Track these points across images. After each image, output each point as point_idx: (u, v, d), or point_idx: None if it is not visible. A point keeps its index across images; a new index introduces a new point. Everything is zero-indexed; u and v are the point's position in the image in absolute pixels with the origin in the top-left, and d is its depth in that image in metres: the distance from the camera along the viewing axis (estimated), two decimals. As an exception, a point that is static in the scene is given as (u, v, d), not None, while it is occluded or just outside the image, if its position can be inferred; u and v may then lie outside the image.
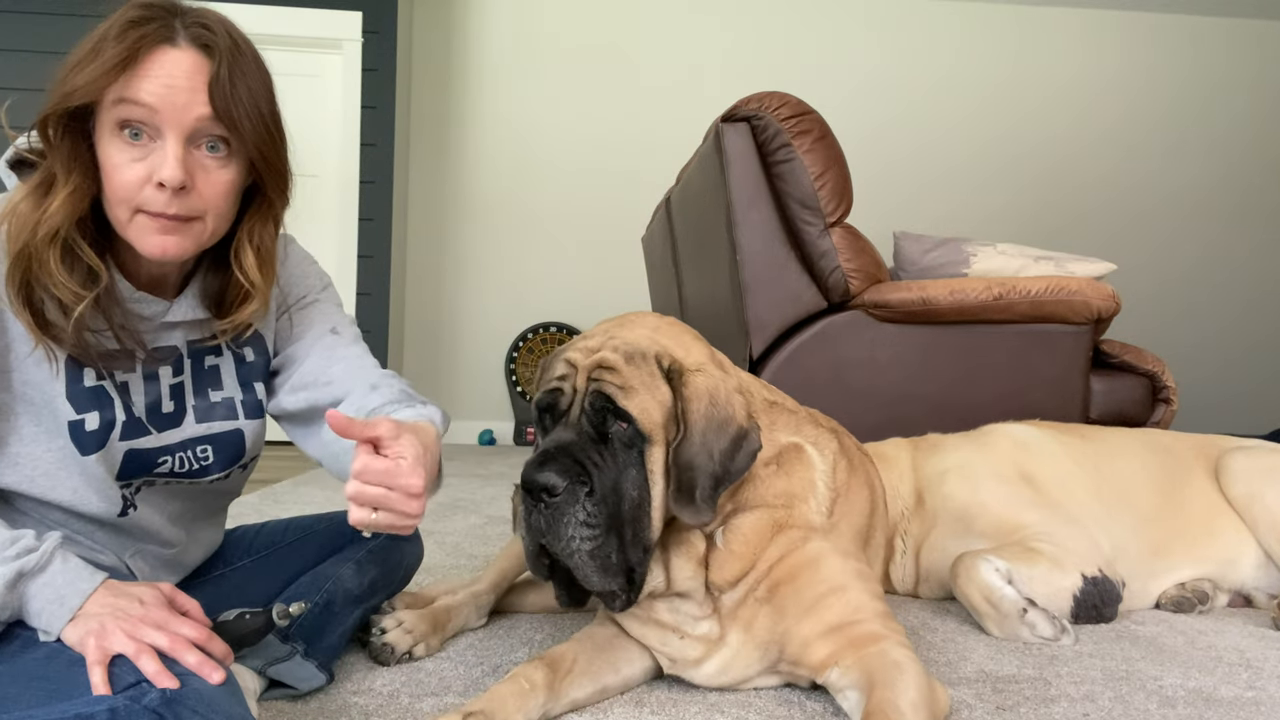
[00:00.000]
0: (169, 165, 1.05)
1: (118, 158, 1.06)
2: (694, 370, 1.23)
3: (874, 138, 6.09)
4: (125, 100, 1.04)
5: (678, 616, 1.31)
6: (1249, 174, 6.54)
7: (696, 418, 1.20)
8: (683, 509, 1.18)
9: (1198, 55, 6.51)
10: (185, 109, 1.06)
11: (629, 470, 1.19)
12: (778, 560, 1.29)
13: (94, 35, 1.07)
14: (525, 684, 1.21)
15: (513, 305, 5.99)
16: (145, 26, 1.05)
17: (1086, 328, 2.67)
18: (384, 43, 5.48)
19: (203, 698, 0.96)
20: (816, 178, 2.56)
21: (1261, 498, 1.99)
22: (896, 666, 1.18)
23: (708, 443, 1.19)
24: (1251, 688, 1.45)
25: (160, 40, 1.05)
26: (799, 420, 1.42)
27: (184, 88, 1.05)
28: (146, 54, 1.04)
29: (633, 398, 1.19)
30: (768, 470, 1.31)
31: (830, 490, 1.36)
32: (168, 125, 1.06)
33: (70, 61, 1.06)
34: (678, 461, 1.19)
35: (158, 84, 1.04)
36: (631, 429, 1.18)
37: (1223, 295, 6.50)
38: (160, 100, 1.05)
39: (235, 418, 1.31)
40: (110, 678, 0.97)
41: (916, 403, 2.64)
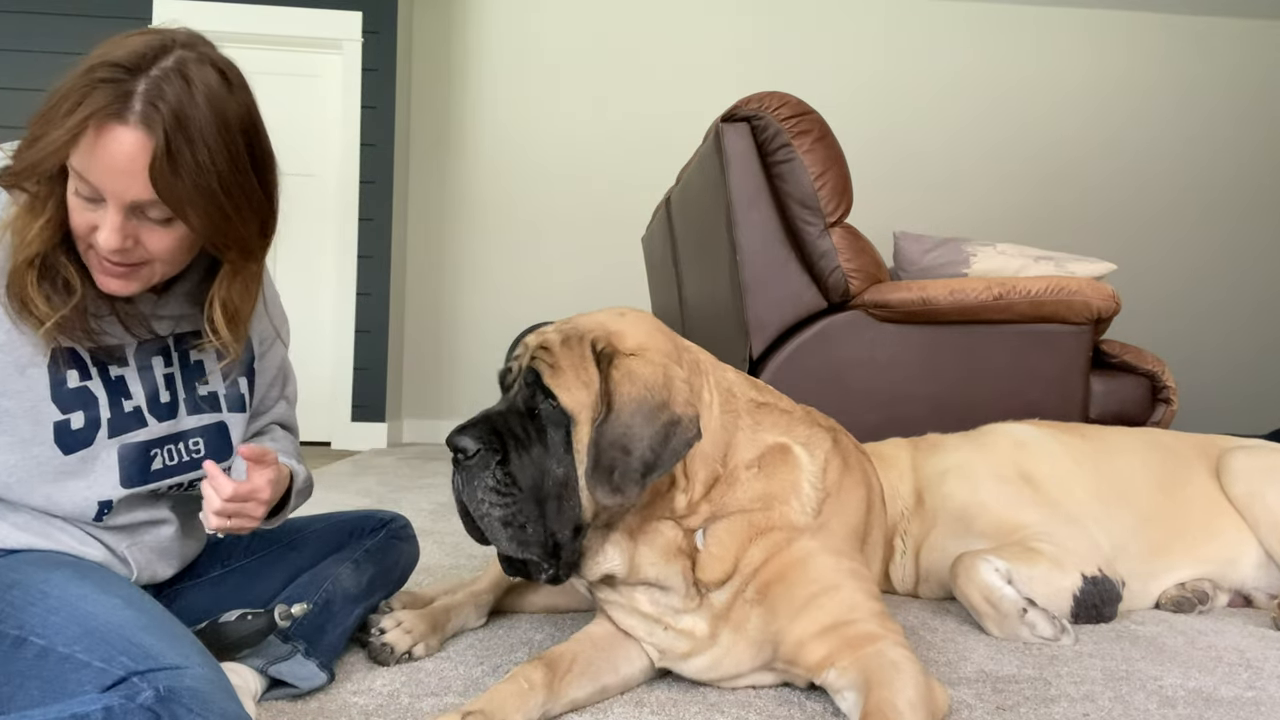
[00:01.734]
0: (104, 232, 1.08)
1: (74, 204, 1.10)
2: (627, 354, 1.23)
3: (874, 138, 6.09)
4: (75, 171, 1.07)
5: (659, 608, 1.32)
6: (1250, 175, 6.54)
7: (624, 400, 1.19)
8: (598, 487, 1.18)
9: (1200, 55, 6.51)
10: (124, 191, 1.06)
11: (555, 448, 1.21)
12: (763, 563, 1.28)
13: (63, 88, 1.07)
14: (524, 684, 1.21)
15: (513, 305, 5.99)
16: (100, 98, 1.04)
17: (1086, 328, 2.67)
18: (384, 43, 5.48)
19: (197, 695, 0.96)
20: (816, 178, 2.56)
21: (1263, 497, 1.99)
22: (894, 666, 1.18)
23: (634, 426, 1.18)
24: (1251, 688, 1.45)
25: (109, 117, 1.04)
26: (791, 420, 1.40)
27: (123, 171, 1.05)
28: (95, 132, 1.04)
29: (559, 377, 1.22)
30: (748, 473, 1.31)
31: (817, 490, 1.35)
32: (108, 196, 1.07)
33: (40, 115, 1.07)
34: (598, 440, 1.19)
35: (100, 165, 1.05)
36: (557, 408, 1.21)
37: (1223, 295, 6.50)
38: (100, 181, 1.06)
39: (220, 410, 1.34)
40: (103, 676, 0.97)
41: (916, 403, 2.64)
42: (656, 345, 1.27)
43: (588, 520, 1.23)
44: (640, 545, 1.27)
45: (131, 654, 0.99)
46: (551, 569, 1.24)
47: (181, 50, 1.12)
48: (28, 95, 5.34)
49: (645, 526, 1.27)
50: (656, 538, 1.27)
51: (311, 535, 1.53)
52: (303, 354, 1.53)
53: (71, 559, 1.18)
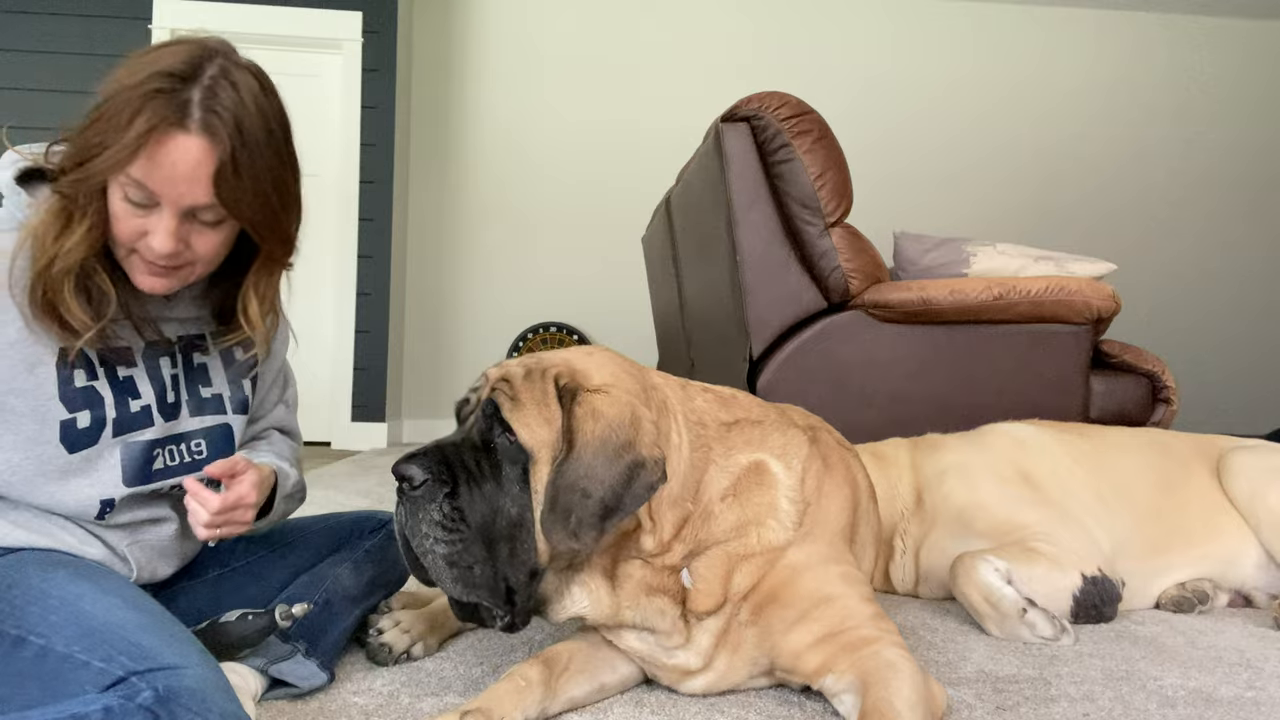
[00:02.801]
0: (160, 237, 1.11)
1: (119, 211, 1.12)
2: (592, 391, 1.17)
3: (874, 138, 6.09)
4: (135, 182, 1.09)
5: (649, 647, 1.30)
6: (1250, 175, 6.54)
7: (586, 439, 1.13)
8: (553, 531, 1.11)
9: (1200, 55, 6.51)
10: (184, 196, 1.11)
11: (510, 486, 1.15)
12: (752, 587, 1.27)
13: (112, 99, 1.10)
14: (521, 681, 1.21)
15: (513, 305, 5.99)
16: (162, 105, 1.08)
17: (1086, 328, 2.67)
18: (384, 43, 5.48)
19: (196, 695, 0.96)
20: (816, 178, 2.56)
21: (1264, 497, 1.99)
22: (890, 666, 1.18)
23: (596, 468, 1.11)
24: (1251, 688, 1.45)
25: (173, 125, 1.08)
26: (764, 431, 1.35)
27: (186, 177, 1.10)
28: (158, 141, 1.08)
29: (520, 411, 1.16)
30: (723, 504, 1.27)
31: (796, 503, 1.31)
32: (166, 203, 1.11)
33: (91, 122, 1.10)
34: (556, 481, 1.12)
35: (163, 173, 1.09)
36: (515, 444, 1.15)
37: (1223, 295, 6.50)
38: (161, 187, 1.10)
39: (224, 412, 1.35)
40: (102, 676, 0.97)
41: (916, 403, 2.64)
42: (623, 384, 1.21)
43: (543, 564, 1.17)
44: (612, 587, 1.22)
45: (131, 654, 0.99)
46: (506, 615, 1.18)
47: (221, 58, 1.15)
48: (28, 95, 5.35)
49: (615, 569, 1.22)
50: (627, 579, 1.22)
51: (311, 536, 1.54)
52: (303, 354, 1.54)
53: (71, 558, 1.19)
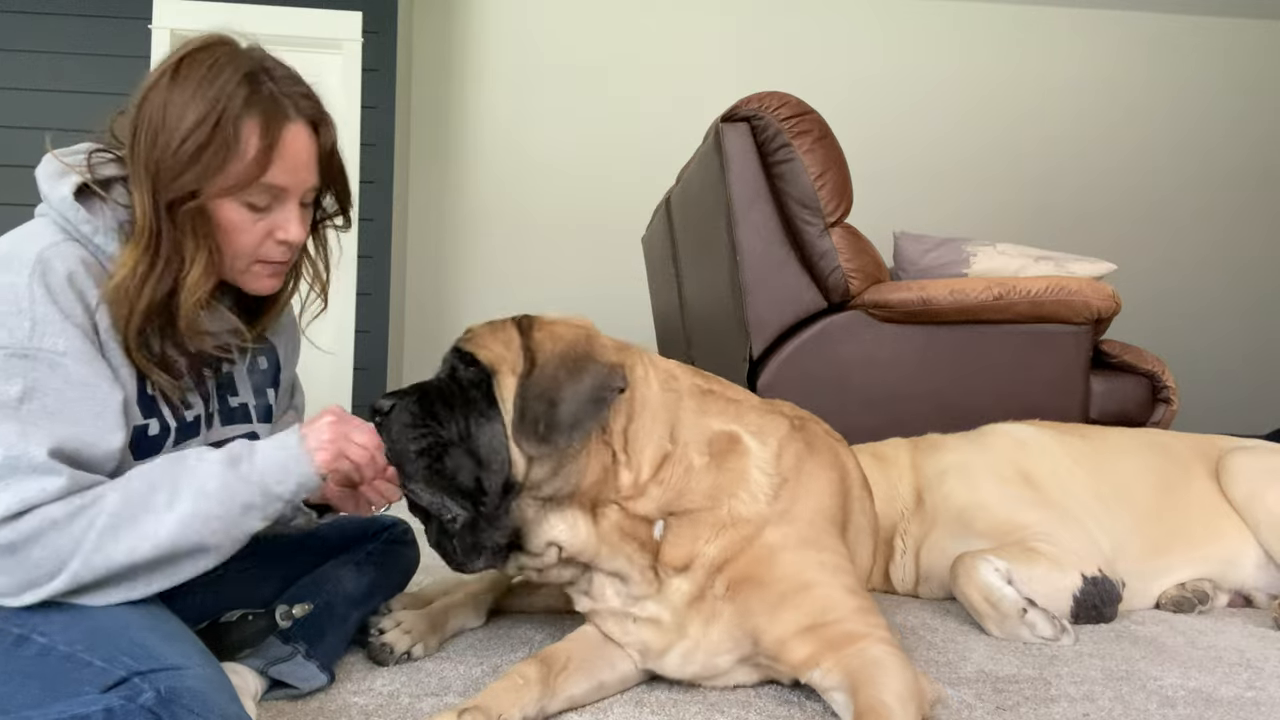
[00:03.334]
0: (294, 226, 1.20)
1: (240, 222, 1.16)
2: (549, 321, 1.28)
3: (874, 138, 6.08)
4: (266, 187, 1.15)
5: (623, 598, 1.31)
6: (1250, 174, 6.54)
7: (547, 355, 1.22)
8: (524, 439, 1.18)
9: (1199, 55, 6.51)
10: (305, 183, 1.20)
11: (478, 404, 1.22)
12: (727, 560, 1.27)
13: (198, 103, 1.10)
14: (519, 680, 1.22)
15: (512, 305, 5.94)
16: (260, 106, 1.12)
17: (1086, 328, 2.67)
18: (384, 43, 5.48)
19: (198, 696, 0.96)
20: (816, 178, 2.56)
21: (1263, 497, 1.99)
22: (876, 664, 1.18)
23: (559, 377, 1.20)
24: (1251, 688, 1.45)
25: (283, 119, 1.15)
26: (740, 409, 1.38)
27: (304, 163, 1.18)
28: (279, 139, 1.14)
29: (478, 342, 1.27)
30: (700, 461, 1.29)
31: (769, 475, 1.32)
32: (292, 194, 1.19)
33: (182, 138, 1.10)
34: (522, 394, 1.20)
35: (288, 167, 1.16)
36: (475, 369, 1.24)
37: (1223, 295, 6.50)
38: (290, 180, 1.18)
39: (250, 421, 1.37)
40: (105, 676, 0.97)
41: (916, 403, 2.63)
42: (579, 321, 1.31)
43: (519, 478, 1.20)
44: (590, 522, 1.25)
45: (133, 654, 0.99)
46: (468, 514, 1.21)
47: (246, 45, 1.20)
48: (28, 95, 5.35)
49: (594, 510, 1.26)
50: (603, 519, 1.26)
51: (314, 538, 1.54)
52: (303, 354, 1.55)
53: None
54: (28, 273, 1.07)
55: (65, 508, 1.02)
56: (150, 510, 1.06)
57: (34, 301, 1.06)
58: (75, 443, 1.05)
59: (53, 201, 1.15)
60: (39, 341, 1.05)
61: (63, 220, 1.14)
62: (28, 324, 1.05)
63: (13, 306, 1.05)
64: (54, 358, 1.06)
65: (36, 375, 1.04)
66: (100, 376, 1.09)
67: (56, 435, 1.04)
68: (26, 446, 1.02)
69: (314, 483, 1.16)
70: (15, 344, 1.04)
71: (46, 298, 1.06)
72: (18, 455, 1.01)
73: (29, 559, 1.01)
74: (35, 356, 1.05)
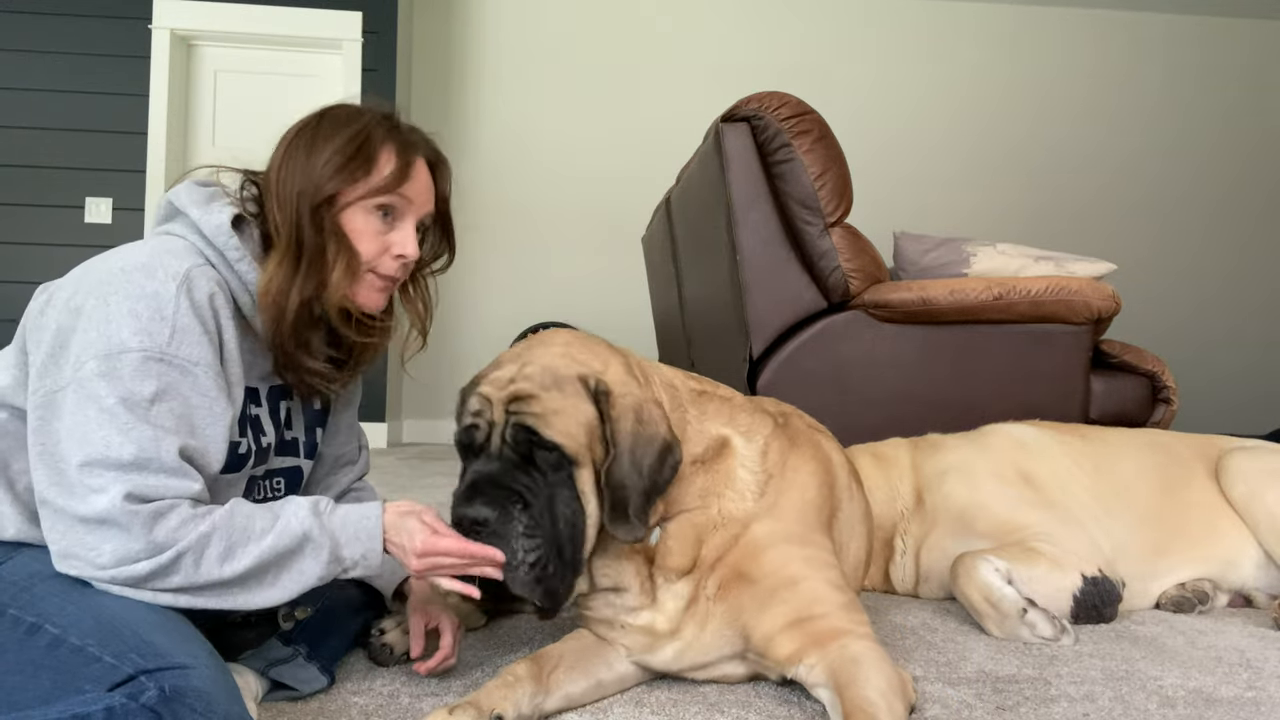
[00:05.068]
0: (411, 244, 1.32)
1: (368, 230, 1.28)
2: (620, 389, 1.25)
3: (874, 137, 6.09)
4: (399, 196, 1.29)
5: (614, 609, 1.32)
6: (1251, 174, 6.54)
7: (624, 437, 1.22)
8: (618, 527, 1.20)
9: (1201, 55, 6.51)
10: (425, 205, 1.35)
11: (560, 491, 1.21)
12: (718, 559, 1.29)
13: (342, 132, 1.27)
14: (510, 677, 1.23)
15: (513, 305, 5.99)
16: (396, 139, 1.30)
17: (1086, 328, 2.67)
18: (384, 43, 5.48)
19: (201, 695, 0.97)
20: (816, 178, 2.56)
21: (1262, 498, 1.99)
22: (856, 662, 1.19)
23: (637, 460, 1.21)
24: (1251, 688, 1.45)
25: (414, 151, 1.32)
26: (732, 408, 1.41)
27: (426, 188, 1.35)
28: (411, 163, 1.31)
29: (554, 423, 1.20)
30: (692, 469, 1.31)
31: (755, 473, 1.34)
32: (411, 213, 1.32)
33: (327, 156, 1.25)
34: (610, 482, 1.20)
35: (417, 186, 1.32)
36: (558, 454, 1.21)
37: (1223, 295, 6.51)
38: (417, 197, 1.33)
39: (298, 455, 1.42)
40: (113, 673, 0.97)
41: (916, 403, 2.64)
42: (620, 370, 1.28)
43: (586, 558, 1.25)
44: (594, 559, 1.28)
45: (142, 651, 0.99)
46: (549, 605, 1.23)
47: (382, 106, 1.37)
48: (28, 95, 5.35)
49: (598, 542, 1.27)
50: (610, 544, 1.27)
51: None
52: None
53: None
54: (175, 284, 1.13)
55: (192, 508, 1.09)
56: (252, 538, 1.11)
57: (178, 311, 1.12)
58: (193, 449, 1.12)
59: (204, 227, 1.22)
60: (176, 349, 1.11)
61: (204, 244, 1.22)
62: (168, 331, 1.11)
63: (157, 313, 1.11)
64: (188, 365, 1.12)
65: (170, 380, 1.10)
66: (222, 391, 1.16)
67: (182, 440, 1.10)
68: (158, 449, 1.07)
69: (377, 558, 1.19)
70: (155, 348, 1.10)
71: (190, 310, 1.13)
72: (150, 457, 1.06)
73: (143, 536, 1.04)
74: (171, 362, 1.11)
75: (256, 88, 5.51)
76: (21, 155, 5.25)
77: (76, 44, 5.31)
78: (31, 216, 5.21)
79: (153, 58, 5.34)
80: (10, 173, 5.24)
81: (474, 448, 1.25)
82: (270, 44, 5.47)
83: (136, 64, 5.34)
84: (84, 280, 1.15)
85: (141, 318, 1.10)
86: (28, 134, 5.26)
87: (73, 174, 5.26)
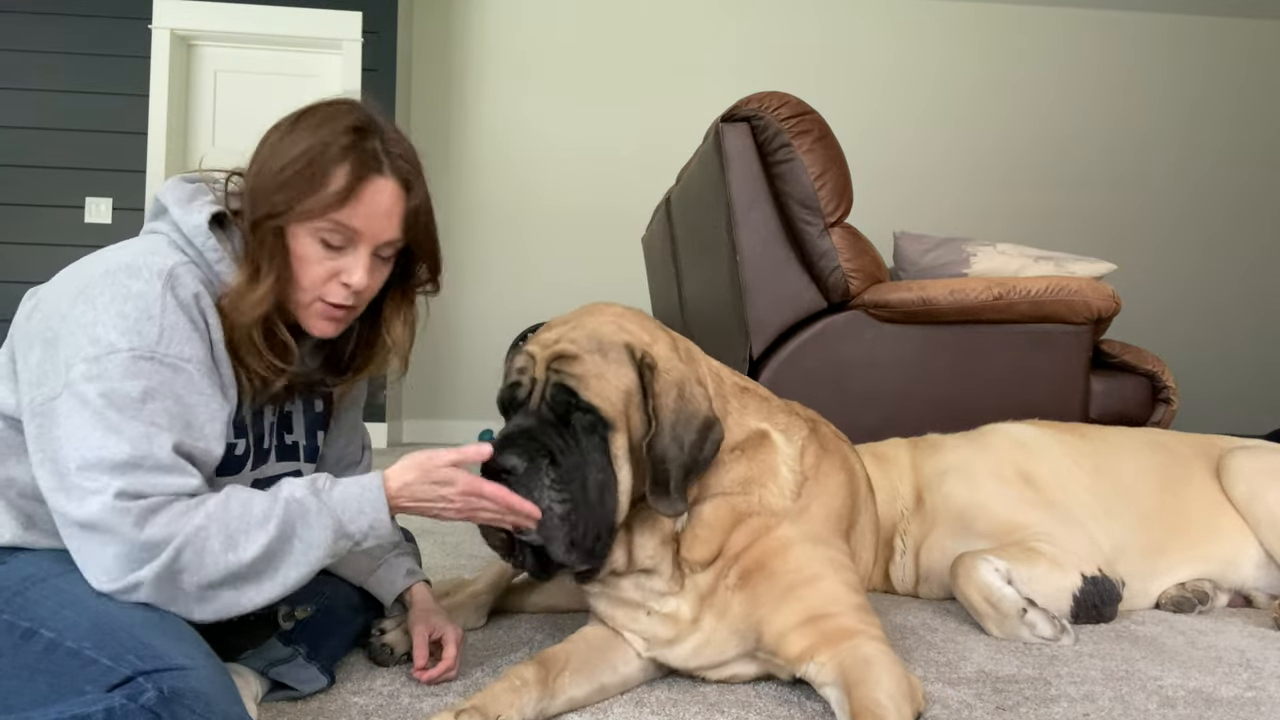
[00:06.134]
0: (359, 274, 1.22)
1: (311, 256, 1.21)
2: (665, 363, 1.26)
3: (874, 137, 6.09)
4: (339, 224, 1.19)
5: (643, 593, 1.32)
6: (1251, 174, 6.54)
7: (666, 412, 1.22)
8: (659, 500, 1.21)
9: (1200, 55, 6.51)
10: (381, 233, 1.23)
11: (592, 454, 1.21)
12: (744, 549, 1.30)
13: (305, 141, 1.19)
14: (517, 681, 1.22)
15: (513, 305, 5.99)
16: (359, 155, 1.19)
17: (1086, 328, 2.67)
18: (384, 43, 5.48)
19: (200, 696, 0.96)
20: (816, 178, 2.56)
21: (1263, 497, 1.99)
22: (867, 662, 1.19)
23: (678, 435, 1.22)
24: (1251, 688, 1.45)
25: (374, 171, 1.20)
26: (771, 408, 1.42)
27: (384, 215, 1.22)
28: (363, 186, 1.19)
29: (592, 387, 1.22)
30: (731, 455, 1.32)
31: (795, 473, 1.36)
32: (363, 242, 1.22)
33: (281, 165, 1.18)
34: (651, 455, 1.21)
35: (365, 212, 1.20)
36: (593, 416, 1.21)
37: (1223, 295, 6.50)
38: (365, 226, 1.21)
39: (298, 459, 1.40)
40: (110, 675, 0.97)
41: (916, 403, 2.64)
42: (666, 346, 1.30)
43: (620, 522, 1.25)
44: (636, 536, 1.29)
45: (139, 652, 0.99)
46: (587, 566, 1.25)
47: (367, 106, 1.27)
48: (28, 95, 5.35)
49: (638, 517, 1.28)
50: (651, 527, 1.28)
51: None
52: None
53: None
54: (160, 283, 1.11)
55: (189, 503, 1.07)
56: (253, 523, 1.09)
57: (164, 310, 1.10)
58: (189, 446, 1.10)
59: (183, 226, 1.20)
60: (166, 347, 1.10)
61: (184, 243, 1.20)
62: (156, 330, 1.10)
63: (143, 313, 1.10)
64: (179, 363, 1.11)
65: (161, 378, 1.09)
66: (215, 388, 1.15)
67: (176, 436, 1.09)
68: (151, 446, 1.06)
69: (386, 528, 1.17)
70: (144, 346, 1.09)
71: (176, 308, 1.11)
72: (143, 454, 1.05)
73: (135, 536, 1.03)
74: (162, 360, 1.09)
75: (256, 88, 5.51)
76: (21, 155, 5.25)
77: (76, 44, 5.31)
78: (31, 216, 5.21)
79: (153, 58, 5.34)
80: (10, 173, 5.24)
81: (515, 403, 1.27)
82: (270, 44, 5.47)
83: (136, 64, 5.34)
84: (69, 284, 1.14)
85: (129, 318, 1.09)
86: (28, 134, 5.26)
87: (73, 174, 5.26)
